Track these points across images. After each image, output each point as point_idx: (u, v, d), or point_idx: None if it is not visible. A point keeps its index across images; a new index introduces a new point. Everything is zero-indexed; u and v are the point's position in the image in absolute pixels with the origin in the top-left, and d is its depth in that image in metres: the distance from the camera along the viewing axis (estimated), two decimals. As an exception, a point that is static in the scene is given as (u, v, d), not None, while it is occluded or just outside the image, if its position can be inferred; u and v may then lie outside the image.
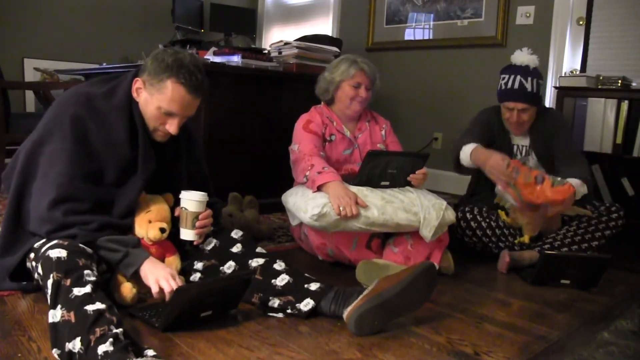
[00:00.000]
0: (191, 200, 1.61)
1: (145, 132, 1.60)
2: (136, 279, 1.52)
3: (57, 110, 1.57)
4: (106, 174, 1.57)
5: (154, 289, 1.45)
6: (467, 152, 2.19)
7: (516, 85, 2.15)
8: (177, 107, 1.54)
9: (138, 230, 1.60)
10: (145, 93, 1.57)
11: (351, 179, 2.04)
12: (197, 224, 1.62)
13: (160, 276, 1.46)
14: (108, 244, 1.47)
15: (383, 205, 1.93)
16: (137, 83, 1.58)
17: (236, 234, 1.72)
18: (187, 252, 1.70)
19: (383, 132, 2.36)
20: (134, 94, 1.59)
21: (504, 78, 2.21)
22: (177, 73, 1.51)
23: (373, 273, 1.88)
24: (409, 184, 2.06)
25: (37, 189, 1.52)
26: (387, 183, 2.03)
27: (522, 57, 2.19)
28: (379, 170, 2.01)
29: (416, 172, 2.06)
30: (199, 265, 1.67)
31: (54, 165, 1.50)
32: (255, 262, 1.62)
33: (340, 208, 1.86)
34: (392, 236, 2.06)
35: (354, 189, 1.96)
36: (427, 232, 1.94)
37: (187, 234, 1.64)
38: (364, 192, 1.96)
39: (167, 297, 1.44)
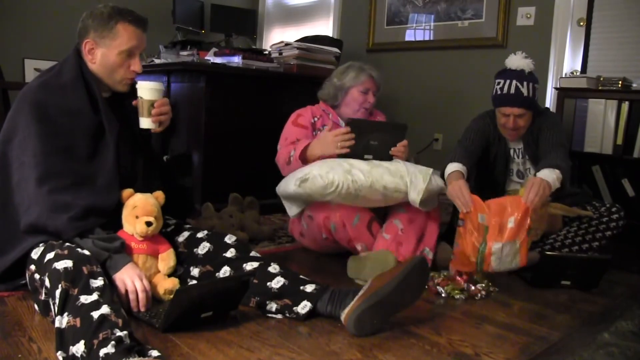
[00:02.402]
0: (146, 88, 1.64)
1: (101, 95, 1.66)
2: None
3: (17, 105, 1.61)
4: (78, 147, 1.59)
5: (121, 290, 1.46)
6: (447, 172, 2.13)
7: (512, 90, 2.08)
8: (135, 42, 1.64)
9: (127, 227, 1.61)
10: (101, 48, 1.64)
11: None
12: (153, 111, 1.65)
13: (126, 276, 1.47)
14: (93, 247, 1.47)
15: (369, 170, 1.98)
16: (88, 45, 1.64)
17: (229, 239, 1.71)
18: (181, 255, 1.70)
19: None
20: (88, 57, 1.65)
21: (499, 83, 2.14)
22: (122, 16, 1.63)
23: (360, 266, 1.96)
24: (392, 158, 2.11)
25: (18, 181, 1.54)
26: (371, 157, 2.08)
27: (517, 61, 2.12)
28: (362, 146, 2.06)
29: (397, 145, 2.10)
30: (194, 271, 1.67)
31: (26, 150, 1.54)
32: (250, 266, 1.62)
33: (339, 144, 2.01)
34: (384, 223, 2.10)
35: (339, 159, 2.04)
36: (415, 195, 1.96)
37: (144, 122, 1.66)
38: (350, 161, 2.01)
39: (131, 297, 1.46)
